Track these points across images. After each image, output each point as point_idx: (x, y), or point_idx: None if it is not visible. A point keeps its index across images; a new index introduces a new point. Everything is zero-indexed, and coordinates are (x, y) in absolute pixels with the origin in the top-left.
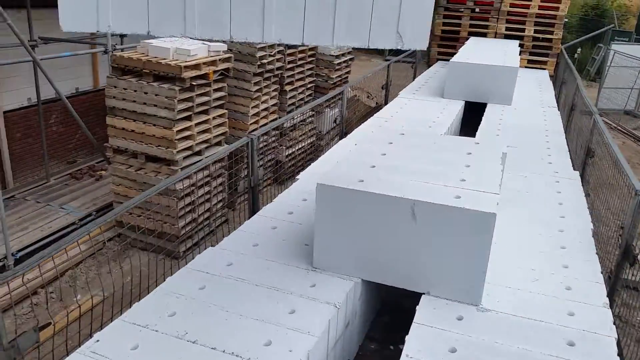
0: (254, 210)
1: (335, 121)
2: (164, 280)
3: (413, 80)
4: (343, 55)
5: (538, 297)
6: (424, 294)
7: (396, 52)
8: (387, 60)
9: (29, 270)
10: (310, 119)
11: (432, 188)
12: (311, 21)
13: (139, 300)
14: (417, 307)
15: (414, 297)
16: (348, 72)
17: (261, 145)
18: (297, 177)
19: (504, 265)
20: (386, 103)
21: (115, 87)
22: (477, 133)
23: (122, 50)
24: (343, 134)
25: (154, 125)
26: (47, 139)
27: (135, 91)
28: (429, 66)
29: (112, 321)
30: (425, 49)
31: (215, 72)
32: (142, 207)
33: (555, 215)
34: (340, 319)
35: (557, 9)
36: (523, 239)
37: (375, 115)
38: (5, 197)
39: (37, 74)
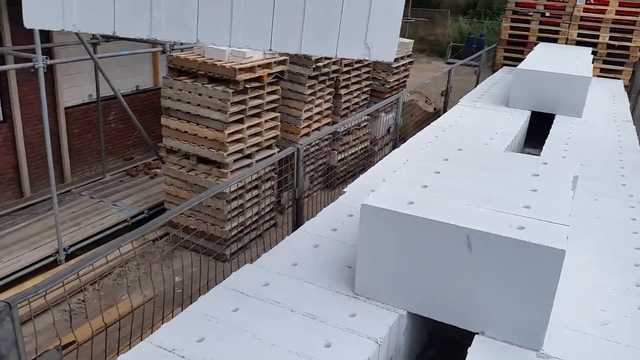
0: (297, 223)
1: (388, 130)
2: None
3: (475, 86)
4: (402, 58)
5: (608, 343)
6: (477, 333)
7: (458, 56)
8: (448, 63)
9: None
10: (364, 123)
11: (491, 215)
12: (279, 28)
13: (183, 307)
14: (469, 349)
15: (466, 331)
16: (406, 76)
17: (312, 149)
18: (344, 189)
19: (568, 304)
20: (445, 110)
21: (170, 87)
22: (543, 147)
23: (181, 50)
24: (397, 143)
25: (207, 127)
26: (105, 135)
27: (190, 92)
28: (494, 71)
29: (162, 321)
30: (392, 62)
31: (269, 74)
32: (192, 208)
33: (630, 246)
34: (381, 356)
35: (636, 14)
36: (591, 273)
37: (432, 123)
38: (61, 192)
39: (97, 71)
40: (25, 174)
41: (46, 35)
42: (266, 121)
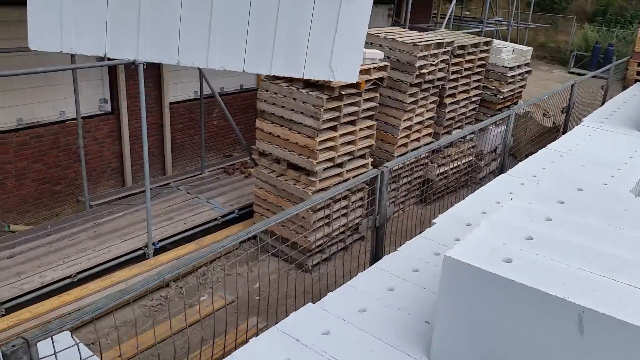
0: (375, 255)
1: (494, 151)
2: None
3: (602, 103)
4: (519, 67)
5: None
6: None
7: (582, 65)
8: (571, 73)
9: (165, 261)
10: (470, 136)
11: (614, 288)
12: (252, 52)
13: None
14: None
15: None
16: (522, 86)
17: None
18: (433, 220)
19: None
20: (565, 128)
21: (267, 90)
22: None
23: None
24: (505, 164)
25: (299, 132)
26: (207, 132)
27: (284, 96)
28: (624, 88)
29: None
30: (355, 82)
31: (367, 81)
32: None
33: None
34: None
35: None
36: None
37: (549, 146)
38: (161, 184)
39: (201, 69)
40: (128, 165)
41: None
42: (361, 129)
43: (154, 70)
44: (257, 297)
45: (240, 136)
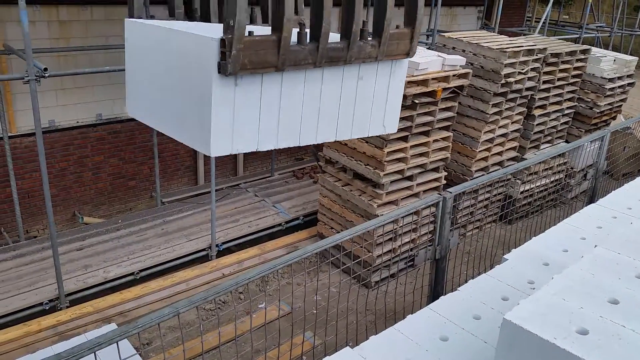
0: (433, 292)
1: (584, 176)
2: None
3: None
4: (620, 78)
5: None
6: None
7: None
8: None
9: (226, 264)
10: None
11: None
12: (339, 127)
13: None
14: None
15: None
16: (623, 100)
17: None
18: (504, 256)
19: None
20: None
21: None
22: None
23: None
24: (596, 191)
25: (366, 142)
26: None
27: None
28: None
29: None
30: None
31: (445, 89)
32: (343, 226)
33: None
34: None
35: None
36: None
37: None
38: (231, 185)
39: None
40: (201, 164)
41: None
42: (435, 141)
43: None
44: (315, 310)
45: None
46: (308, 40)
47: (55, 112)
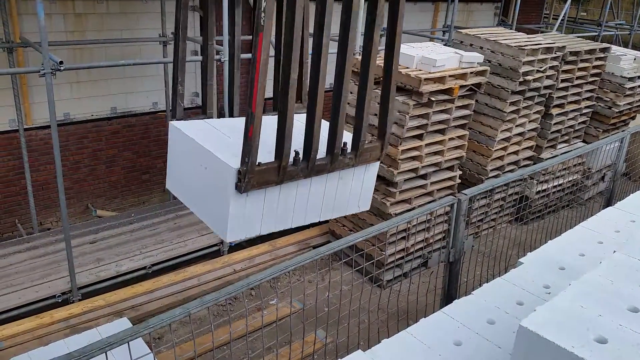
0: (447, 296)
1: (602, 178)
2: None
3: None
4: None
5: None
6: None
7: None
8: None
9: (237, 260)
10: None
11: None
12: (323, 211)
13: None
14: None
15: None
16: None
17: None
18: (520, 259)
19: None
20: None
21: (351, 92)
22: None
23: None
24: (614, 194)
25: None
26: None
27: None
28: None
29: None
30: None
31: (462, 87)
32: (356, 224)
33: None
34: None
35: None
36: None
37: None
38: None
39: None
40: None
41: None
42: (451, 139)
43: (245, 67)
44: (327, 308)
45: None
46: (301, 158)
47: (70, 105)
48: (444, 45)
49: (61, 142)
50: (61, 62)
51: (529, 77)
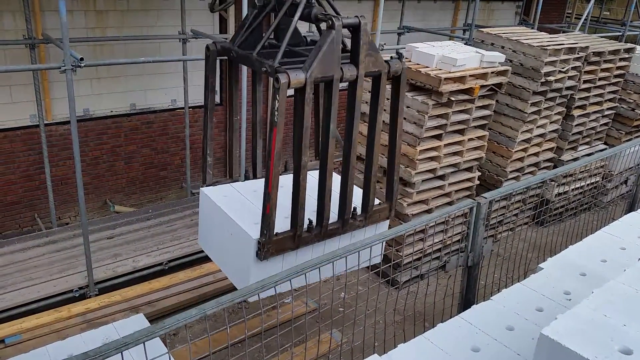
0: (465, 300)
1: (625, 182)
2: None
3: None
4: None
5: None
6: None
7: None
8: None
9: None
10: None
11: None
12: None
13: None
14: None
15: None
16: None
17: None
18: (540, 265)
19: None
20: None
21: (369, 91)
22: None
23: (396, 51)
24: (636, 200)
25: None
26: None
27: (387, 99)
28: None
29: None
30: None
31: (482, 87)
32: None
33: None
34: None
35: None
36: None
37: None
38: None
39: None
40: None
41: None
42: (470, 140)
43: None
44: (342, 309)
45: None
46: (314, 225)
47: (90, 101)
48: (465, 44)
49: (81, 138)
50: (82, 59)
51: (551, 78)
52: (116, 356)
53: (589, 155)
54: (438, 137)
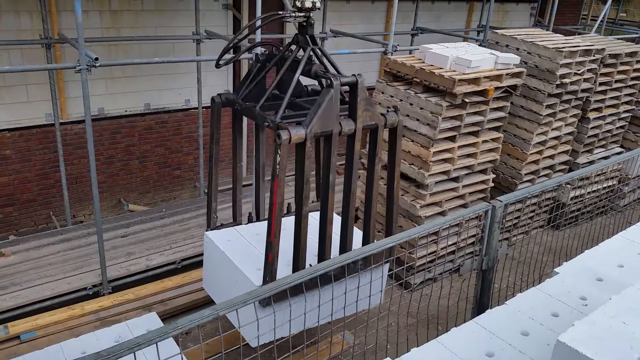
0: (479, 305)
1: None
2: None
3: None
4: None
5: None
6: None
7: None
8: None
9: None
10: (614, 157)
11: None
12: None
13: None
14: None
15: None
16: None
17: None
18: (555, 269)
19: None
20: None
21: (382, 92)
22: None
23: (409, 52)
24: None
25: (412, 140)
26: None
27: (400, 100)
28: None
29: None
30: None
31: (497, 88)
32: (384, 225)
33: None
34: None
35: None
36: None
37: None
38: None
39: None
40: (244, 157)
41: (281, 27)
42: (484, 142)
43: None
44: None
45: None
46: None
47: (104, 100)
48: (479, 45)
49: (95, 137)
50: (96, 59)
51: (566, 80)
52: (129, 356)
53: (605, 158)
54: (452, 138)
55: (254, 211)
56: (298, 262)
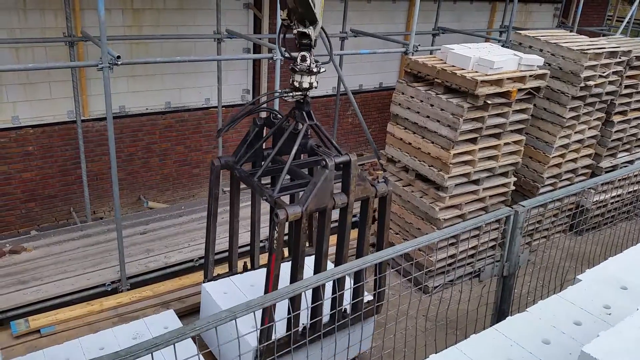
0: (499, 311)
1: None
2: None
3: None
4: None
5: None
6: None
7: None
8: None
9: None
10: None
11: None
12: None
13: None
14: None
15: None
16: None
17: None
18: (578, 276)
19: None
20: None
21: (402, 93)
22: None
23: (430, 52)
24: None
25: (432, 142)
26: (340, 129)
27: (421, 101)
28: None
29: None
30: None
31: (520, 90)
32: (402, 227)
33: None
34: None
35: None
36: None
37: None
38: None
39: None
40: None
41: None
42: (506, 144)
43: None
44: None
45: (369, 138)
46: (308, 328)
47: (126, 98)
48: (502, 46)
49: (116, 134)
50: (119, 57)
51: (591, 82)
52: (146, 355)
53: (629, 162)
54: (473, 140)
55: (250, 261)
56: (292, 323)
